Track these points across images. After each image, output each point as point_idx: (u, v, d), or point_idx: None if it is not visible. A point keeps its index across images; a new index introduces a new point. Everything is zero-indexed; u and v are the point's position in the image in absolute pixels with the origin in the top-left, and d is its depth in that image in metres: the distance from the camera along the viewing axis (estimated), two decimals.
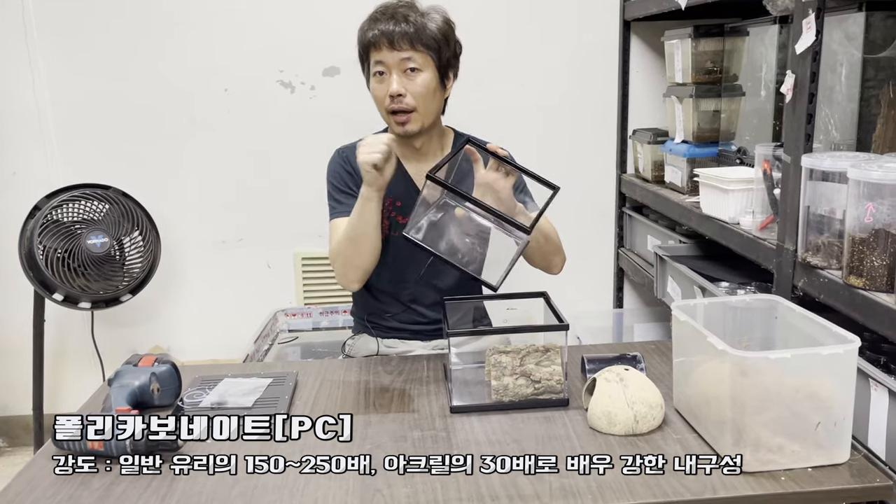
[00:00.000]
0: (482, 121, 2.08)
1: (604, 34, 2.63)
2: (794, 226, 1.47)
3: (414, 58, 1.59)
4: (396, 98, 1.59)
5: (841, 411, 1.10)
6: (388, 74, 1.60)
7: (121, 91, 2.58)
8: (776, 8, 1.63)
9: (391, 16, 1.59)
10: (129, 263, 2.41)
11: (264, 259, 2.72)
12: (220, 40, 2.56)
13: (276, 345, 2.53)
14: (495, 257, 1.49)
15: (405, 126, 1.62)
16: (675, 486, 1.08)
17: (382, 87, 1.61)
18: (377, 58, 1.60)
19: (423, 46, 1.59)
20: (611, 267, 2.81)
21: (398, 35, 1.57)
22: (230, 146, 2.64)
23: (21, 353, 2.66)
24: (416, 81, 1.60)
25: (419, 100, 1.60)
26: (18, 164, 2.61)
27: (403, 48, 1.58)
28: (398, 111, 1.61)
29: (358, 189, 1.61)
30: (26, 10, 2.50)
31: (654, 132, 2.44)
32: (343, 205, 1.70)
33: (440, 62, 1.63)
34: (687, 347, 1.26)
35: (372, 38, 1.59)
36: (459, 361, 1.51)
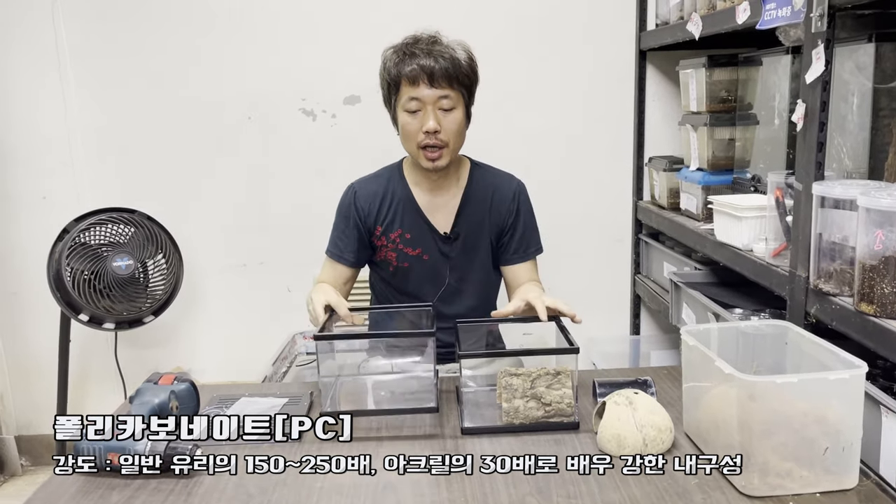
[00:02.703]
0: (502, 148, 2.13)
1: (620, 64, 2.67)
2: (806, 253, 1.48)
3: (450, 95, 1.63)
4: (432, 134, 1.63)
5: (849, 436, 1.10)
6: (422, 111, 1.63)
7: (147, 119, 2.66)
8: (788, 38, 1.65)
9: (427, 52, 1.61)
10: (153, 285, 2.46)
11: (284, 282, 2.77)
12: (245, 70, 2.64)
13: (294, 367, 2.56)
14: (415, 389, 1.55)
15: (436, 161, 1.66)
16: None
17: (416, 122, 1.64)
18: (413, 94, 1.62)
19: (459, 84, 1.63)
20: (627, 293, 2.82)
21: (438, 72, 1.60)
22: (253, 172, 2.70)
23: (46, 372, 2.72)
24: (450, 118, 1.64)
25: (451, 136, 1.65)
26: (49, 189, 2.69)
27: (442, 86, 1.61)
28: (431, 146, 1.64)
29: (358, 230, 1.74)
30: (59, 42, 2.59)
31: (670, 159, 2.46)
32: (338, 244, 1.80)
33: (469, 98, 1.68)
34: (696, 372, 1.27)
35: (410, 74, 1.61)
36: (471, 384, 1.53)
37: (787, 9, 1.52)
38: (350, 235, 1.78)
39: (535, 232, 1.85)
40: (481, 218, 1.79)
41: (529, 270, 1.83)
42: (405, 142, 1.70)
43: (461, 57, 1.65)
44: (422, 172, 1.75)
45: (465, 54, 1.67)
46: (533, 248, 1.84)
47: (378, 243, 1.79)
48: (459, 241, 1.78)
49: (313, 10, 2.60)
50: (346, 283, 1.83)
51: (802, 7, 1.46)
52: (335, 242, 1.81)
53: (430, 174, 1.73)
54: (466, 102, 1.69)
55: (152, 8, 2.59)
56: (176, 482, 1.19)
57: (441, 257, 1.79)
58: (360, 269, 1.86)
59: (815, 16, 1.41)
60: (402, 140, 1.71)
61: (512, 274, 1.83)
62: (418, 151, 1.67)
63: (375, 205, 1.78)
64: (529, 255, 1.83)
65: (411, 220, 1.76)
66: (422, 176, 1.76)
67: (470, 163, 1.83)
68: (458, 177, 1.80)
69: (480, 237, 1.80)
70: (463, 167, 1.81)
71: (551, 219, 1.91)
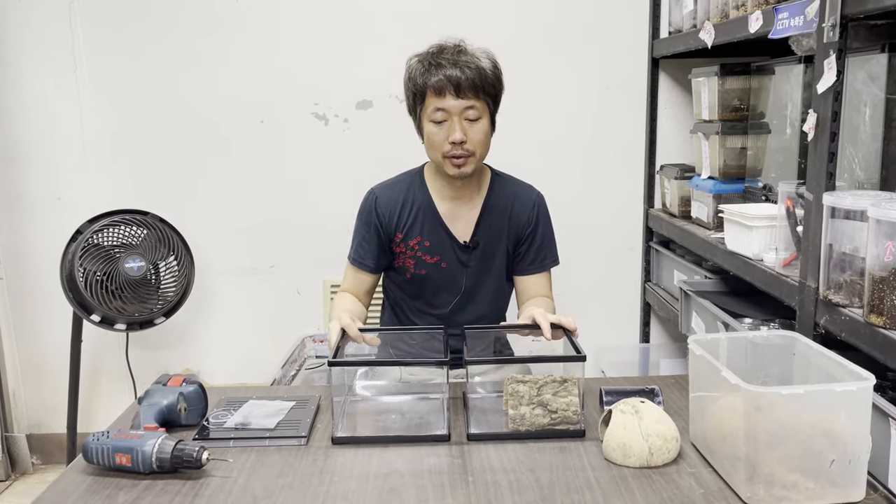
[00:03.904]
0: (514, 155, 2.14)
1: (632, 71, 2.67)
2: (816, 263, 1.47)
3: (476, 106, 1.63)
4: (458, 145, 1.63)
5: (856, 449, 1.09)
6: (448, 121, 1.63)
7: (161, 122, 2.68)
8: (801, 48, 1.65)
9: (454, 62, 1.61)
10: (164, 287, 2.48)
11: (294, 286, 2.78)
12: (258, 75, 2.66)
13: (303, 370, 2.57)
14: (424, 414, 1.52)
15: (461, 168, 1.67)
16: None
17: (442, 132, 1.64)
18: (439, 104, 1.62)
19: (485, 94, 1.64)
20: (637, 301, 2.81)
21: (464, 83, 1.60)
22: (265, 176, 2.72)
23: (57, 372, 2.75)
24: (476, 128, 1.64)
25: (477, 146, 1.65)
26: (63, 190, 2.72)
27: (468, 96, 1.61)
28: (458, 156, 1.65)
29: (378, 236, 1.73)
30: (76, 45, 2.62)
31: (681, 168, 2.46)
32: (360, 250, 1.79)
33: (495, 107, 1.68)
34: (703, 382, 1.27)
35: (436, 84, 1.61)
36: (478, 390, 1.53)
37: (800, 18, 1.52)
38: (371, 241, 1.79)
39: (553, 243, 1.85)
40: (500, 227, 1.79)
41: (543, 282, 1.83)
42: (430, 151, 1.70)
43: (486, 66, 1.65)
44: (444, 180, 1.75)
45: (490, 63, 1.67)
46: (549, 259, 1.84)
47: (397, 250, 1.79)
48: (478, 250, 1.79)
49: (328, 14, 2.62)
50: (368, 289, 1.84)
51: (815, 17, 1.46)
52: (357, 249, 1.81)
53: (454, 182, 1.73)
54: (492, 111, 1.69)
55: (168, 12, 2.61)
56: (183, 483, 1.20)
57: (459, 266, 1.79)
58: (380, 276, 1.87)
59: (828, 26, 1.40)
60: (427, 149, 1.72)
61: (525, 284, 1.83)
62: (444, 160, 1.67)
63: (396, 211, 1.78)
64: (545, 267, 1.83)
65: (431, 227, 1.76)
66: (444, 183, 1.76)
67: (491, 172, 1.84)
68: (480, 185, 1.80)
69: (498, 246, 1.80)
70: (484, 176, 1.82)
71: (562, 226, 1.91)
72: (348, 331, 1.50)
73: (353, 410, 1.51)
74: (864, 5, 1.32)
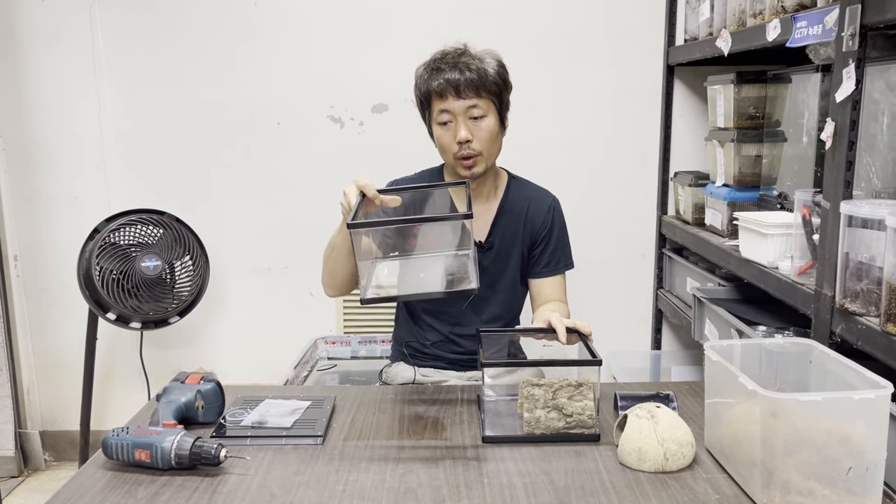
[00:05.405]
0: (528, 158, 2.15)
1: (648, 78, 2.67)
2: (832, 272, 1.47)
3: (479, 105, 1.65)
4: (465, 144, 1.65)
5: (873, 457, 1.09)
6: (453, 122, 1.66)
7: (177, 123, 2.71)
8: (818, 56, 1.65)
9: (453, 65, 1.64)
10: (179, 286, 2.50)
11: (307, 287, 2.79)
12: (275, 77, 2.68)
13: (315, 371, 2.58)
14: (454, 270, 1.47)
15: (472, 169, 1.69)
16: None
17: (449, 133, 1.67)
18: (442, 107, 1.66)
19: (487, 92, 1.65)
20: (650, 308, 2.81)
21: (464, 84, 1.63)
22: (280, 177, 2.74)
23: (72, 369, 2.77)
24: (481, 127, 1.66)
25: (484, 144, 1.67)
26: (81, 189, 2.75)
27: (469, 96, 1.64)
28: (466, 156, 1.67)
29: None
30: (96, 47, 2.65)
31: (696, 175, 2.46)
32: None
33: (501, 105, 1.70)
34: (719, 388, 1.27)
35: (437, 88, 1.64)
36: (493, 393, 1.53)
37: (819, 27, 1.52)
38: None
39: (567, 247, 1.86)
40: (516, 229, 1.81)
41: (557, 285, 1.84)
42: (442, 153, 1.73)
43: (488, 65, 1.67)
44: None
45: (494, 62, 1.69)
46: (563, 263, 1.85)
47: None
48: (493, 251, 1.80)
49: (343, 18, 2.64)
50: None
51: (834, 26, 1.46)
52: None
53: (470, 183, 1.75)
54: (498, 109, 1.70)
55: (186, 16, 2.64)
56: (201, 480, 1.21)
57: None
58: None
59: (847, 35, 1.41)
60: (440, 153, 1.75)
61: (539, 288, 1.84)
62: (455, 162, 1.70)
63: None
64: (559, 270, 1.84)
65: None
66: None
67: (508, 175, 1.85)
68: (496, 187, 1.82)
69: (513, 248, 1.81)
70: (500, 179, 1.83)
71: (575, 231, 1.91)
72: (366, 191, 1.45)
73: (379, 272, 1.43)
74: (884, 14, 1.32)
